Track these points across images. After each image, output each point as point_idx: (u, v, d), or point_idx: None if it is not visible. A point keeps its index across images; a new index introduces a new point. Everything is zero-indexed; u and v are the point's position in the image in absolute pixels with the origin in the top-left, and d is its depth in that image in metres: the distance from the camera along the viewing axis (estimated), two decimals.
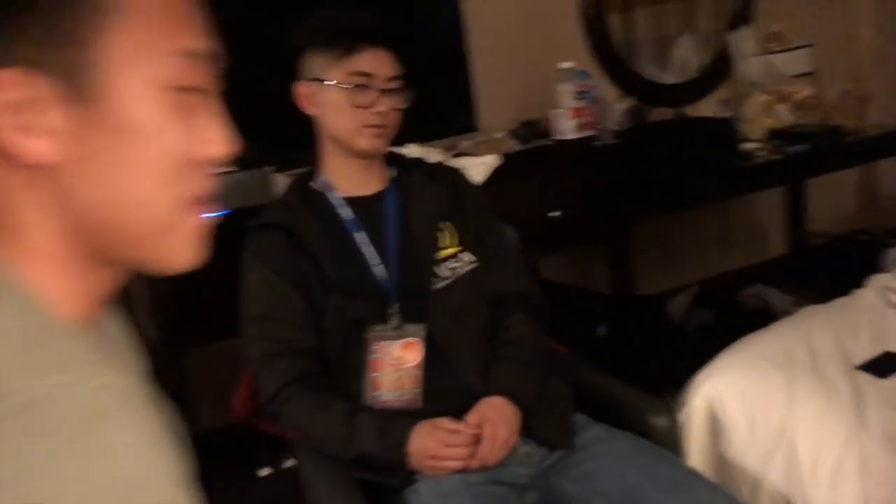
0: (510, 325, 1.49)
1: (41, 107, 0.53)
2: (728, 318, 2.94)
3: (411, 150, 2.11)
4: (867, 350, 1.59)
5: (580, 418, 1.45)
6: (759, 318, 2.17)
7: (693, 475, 1.34)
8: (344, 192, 1.47)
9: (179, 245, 0.59)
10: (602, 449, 1.37)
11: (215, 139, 0.58)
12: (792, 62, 3.15)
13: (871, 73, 3.28)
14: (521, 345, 1.46)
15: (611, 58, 2.99)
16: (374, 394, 1.39)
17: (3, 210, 0.55)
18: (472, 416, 1.33)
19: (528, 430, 1.37)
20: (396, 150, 1.60)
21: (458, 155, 2.38)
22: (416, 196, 1.50)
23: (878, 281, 1.82)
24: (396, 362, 1.38)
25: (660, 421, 1.46)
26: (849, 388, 1.48)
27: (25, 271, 0.55)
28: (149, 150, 0.55)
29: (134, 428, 0.53)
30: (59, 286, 0.56)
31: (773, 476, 1.44)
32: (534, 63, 2.75)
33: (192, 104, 0.57)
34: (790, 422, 1.45)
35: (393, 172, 1.52)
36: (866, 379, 1.49)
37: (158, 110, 0.55)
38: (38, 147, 0.53)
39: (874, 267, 2.18)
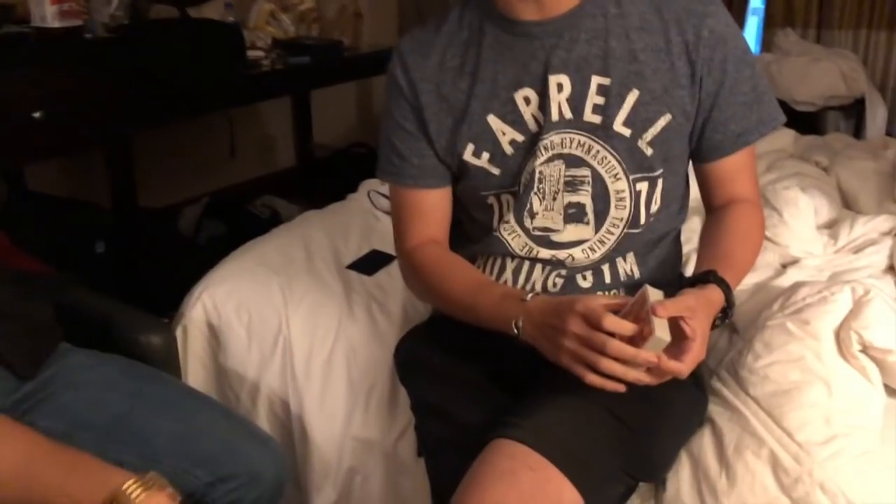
0: None
1: None
2: (239, 229, 2.94)
3: None
4: (356, 250, 1.68)
5: (61, 346, 1.28)
6: (269, 227, 2.18)
7: (186, 392, 1.29)
8: None
9: None
10: (84, 377, 1.22)
11: None
12: None
13: None
14: None
15: None
16: None
17: None
18: None
19: None
20: None
21: None
22: None
23: (367, 186, 1.95)
24: None
25: (154, 339, 1.36)
26: (339, 285, 1.55)
27: None
28: None
29: None
30: None
31: (271, 378, 1.46)
32: None
33: None
34: (286, 323, 1.47)
35: None
36: (355, 276, 1.58)
37: None
38: None
39: (369, 177, 2.35)
